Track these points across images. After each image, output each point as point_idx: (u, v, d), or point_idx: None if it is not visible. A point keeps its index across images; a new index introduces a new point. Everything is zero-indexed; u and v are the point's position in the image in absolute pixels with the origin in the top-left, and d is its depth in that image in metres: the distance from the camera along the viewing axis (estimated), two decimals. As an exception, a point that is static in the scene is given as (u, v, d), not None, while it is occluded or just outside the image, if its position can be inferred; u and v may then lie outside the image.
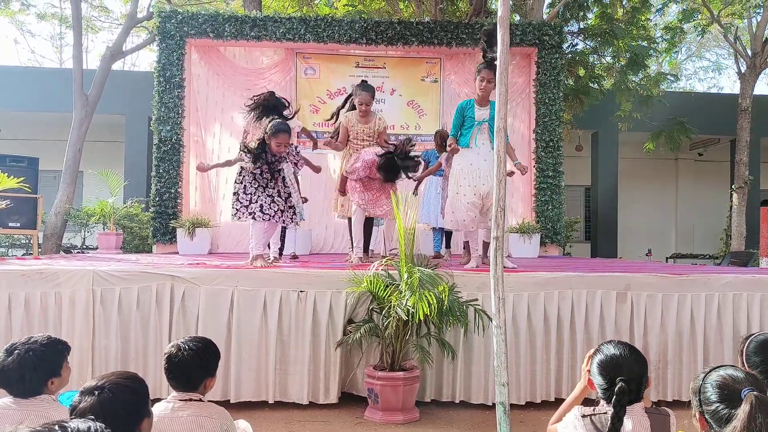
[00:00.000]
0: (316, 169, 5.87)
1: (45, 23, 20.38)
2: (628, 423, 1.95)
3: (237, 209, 5.17)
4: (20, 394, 2.29)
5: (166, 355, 2.38)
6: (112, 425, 1.43)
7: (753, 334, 2.40)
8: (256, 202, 5.16)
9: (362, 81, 6.36)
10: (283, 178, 5.30)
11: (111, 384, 1.82)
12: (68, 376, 2.48)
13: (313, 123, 9.55)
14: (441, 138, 7.01)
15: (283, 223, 5.36)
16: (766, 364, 2.25)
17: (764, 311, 4.56)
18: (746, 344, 2.35)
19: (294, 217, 5.35)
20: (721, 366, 1.77)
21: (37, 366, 2.31)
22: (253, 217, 5.16)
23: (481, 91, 5.25)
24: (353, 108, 6.07)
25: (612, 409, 1.93)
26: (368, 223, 6.03)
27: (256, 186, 5.18)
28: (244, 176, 5.21)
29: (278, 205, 5.21)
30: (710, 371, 1.76)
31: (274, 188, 5.22)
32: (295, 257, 6.97)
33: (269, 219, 5.20)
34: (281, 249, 6.57)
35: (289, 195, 5.34)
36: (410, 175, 5.74)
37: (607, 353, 2.08)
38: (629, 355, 2.05)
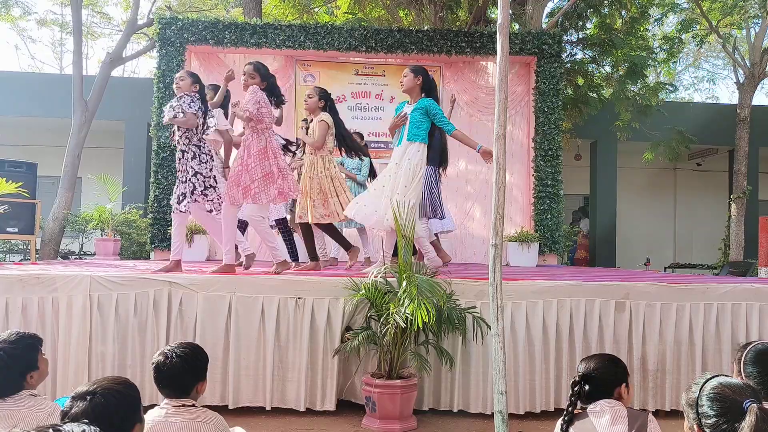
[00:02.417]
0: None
1: (45, 29, 20.42)
2: (606, 417, 2.24)
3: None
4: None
5: (154, 365, 2.36)
6: (103, 431, 1.42)
7: (751, 343, 2.35)
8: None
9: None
10: (194, 156, 5.01)
11: (103, 389, 1.80)
12: (46, 367, 2.48)
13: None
14: None
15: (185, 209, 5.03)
16: (763, 375, 2.21)
17: (763, 321, 4.55)
18: (744, 353, 2.31)
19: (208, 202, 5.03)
20: (714, 376, 1.72)
21: (10, 364, 2.30)
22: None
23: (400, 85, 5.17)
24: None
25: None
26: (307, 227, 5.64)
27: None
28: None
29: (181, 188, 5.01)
30: (704, 383, 1.71)
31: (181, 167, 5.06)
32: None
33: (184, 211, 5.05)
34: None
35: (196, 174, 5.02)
36: None
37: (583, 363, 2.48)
38: (596, 360, 2.43)
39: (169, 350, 2.38)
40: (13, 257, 11.15)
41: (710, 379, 1.72)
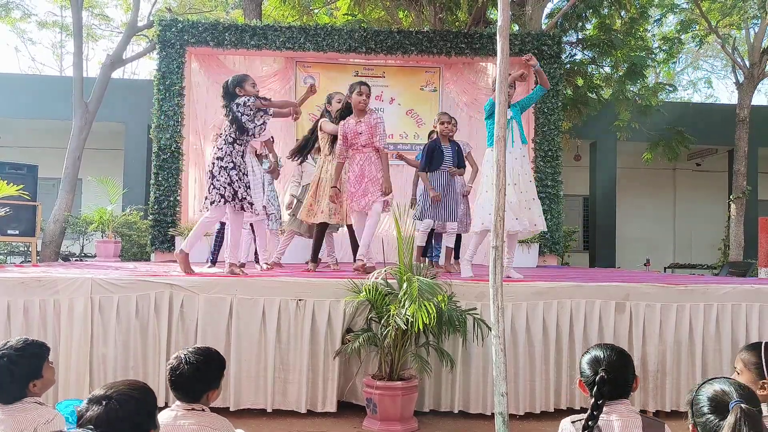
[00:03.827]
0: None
1: (46, 31, 20.45)
2: (617, 423, 2.03)
3: (232, 196, 4.88)
4: (1, 400, 2.28)
5: (169, 367, 2.35)
6: None
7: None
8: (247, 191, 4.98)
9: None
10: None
11: (119, 394, 1.77)
12: (52, 376, 2.46)
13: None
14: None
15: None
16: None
17: (763, 321, 4.56)
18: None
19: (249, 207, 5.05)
20: (715, 378, 1.79)
21: (14, 372, 2.28)
22: (242, 208, 4.96)
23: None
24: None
25: (593, 400, 2.02)
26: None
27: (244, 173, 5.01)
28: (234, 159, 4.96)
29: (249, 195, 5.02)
30: (704, 383, 1.78)
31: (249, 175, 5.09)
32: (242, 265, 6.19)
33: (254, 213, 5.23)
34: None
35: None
36: None
37: (592, 353, 2.23)
38: (611, 353, 2.18)
39: (184, 355, 2.35)
40: (14, 259, 11.16)
41: (710, 380, 1.79)
